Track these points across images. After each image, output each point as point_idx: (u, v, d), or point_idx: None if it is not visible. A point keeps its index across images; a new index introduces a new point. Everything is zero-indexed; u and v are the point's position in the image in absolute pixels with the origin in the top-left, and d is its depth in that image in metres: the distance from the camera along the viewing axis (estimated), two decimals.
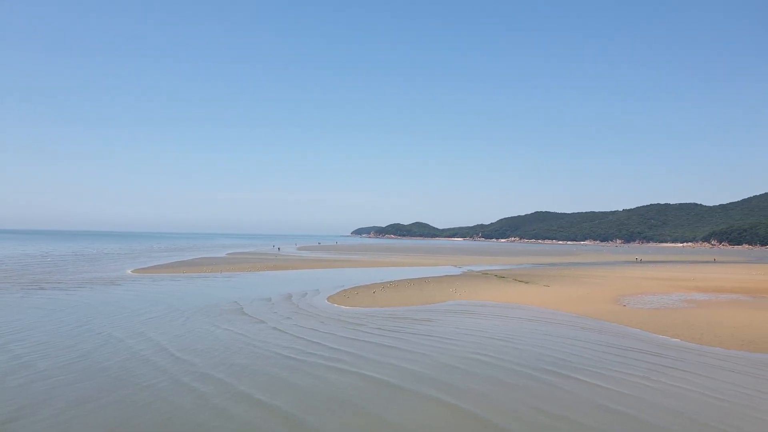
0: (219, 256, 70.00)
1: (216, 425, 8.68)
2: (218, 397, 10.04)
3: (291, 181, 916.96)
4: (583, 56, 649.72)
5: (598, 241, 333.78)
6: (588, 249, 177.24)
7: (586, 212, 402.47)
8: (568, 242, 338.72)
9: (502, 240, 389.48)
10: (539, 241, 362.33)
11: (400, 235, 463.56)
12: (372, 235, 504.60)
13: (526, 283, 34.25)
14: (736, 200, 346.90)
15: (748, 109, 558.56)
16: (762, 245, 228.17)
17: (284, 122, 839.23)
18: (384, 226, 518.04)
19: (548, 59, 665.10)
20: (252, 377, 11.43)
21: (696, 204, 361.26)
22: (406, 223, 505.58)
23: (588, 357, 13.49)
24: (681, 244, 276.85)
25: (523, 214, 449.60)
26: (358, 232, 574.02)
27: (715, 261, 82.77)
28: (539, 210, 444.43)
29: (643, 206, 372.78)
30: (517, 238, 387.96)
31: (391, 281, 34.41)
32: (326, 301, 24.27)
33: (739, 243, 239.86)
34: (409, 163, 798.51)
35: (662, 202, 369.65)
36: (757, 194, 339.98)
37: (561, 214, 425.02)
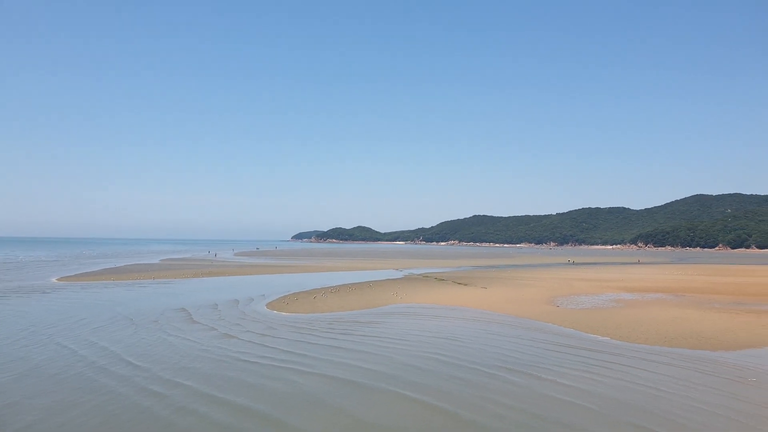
0: (152, 262, 66.90)
1: (201, 428, 8.82)
2: (194, 403, 10.05)
3: (230, 185, 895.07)
4: (522, 60, 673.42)
5: (533, 244, 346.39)
6: (523, 251, 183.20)
7: (521, 216, 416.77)
8: (505, 245, 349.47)
9: (442, 243, 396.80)
10: (477, 244, 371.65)
11: (341, 240, 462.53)
12: (313, 239, 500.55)
13: (465, 285, 34.74)
14: (660, 204, 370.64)
15: (673, 119, 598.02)
16: (683, 246, 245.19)
17: (225, 125, 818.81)
18: (325, 230, 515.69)
19: (487, 60, 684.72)
20: (219, 381, 11.48)
21: (624, 208, 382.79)
22: (348, 227, 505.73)
23: (532, 354, 14.03)
24: (611, 246, 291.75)
25: (462, 217, 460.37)
26: (299, 236, 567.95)
27: (639, 262, 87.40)
28: (477, 214, 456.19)
29: (576, 210, 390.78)
30: (457, 241, 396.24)
31: (332, 286, 33.92)
32: (266, 308, 23.56)
33: (662, 245, 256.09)
34: (350, 167, 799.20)
35: (593, 207, 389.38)
36: (678, 199, 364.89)
37: (498, 217, 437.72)
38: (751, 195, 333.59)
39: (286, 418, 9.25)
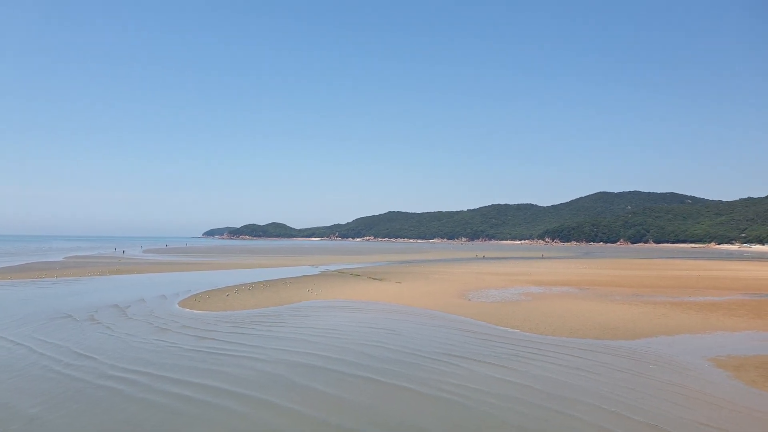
0: (55, 260, 61.09)
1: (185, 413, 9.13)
2: (147, 392, 10.07)
3: (137, 180, 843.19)
4: (437, 61, 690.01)
5: (445, 239, 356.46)
6: (436, 247, 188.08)
7: (434, 212, 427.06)
8: (419, 240, 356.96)
9: (358, 239, 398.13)
10: (392, 239, 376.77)
11: (255, 236, 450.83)
12: (225, 236, 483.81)
13: (380, 280, 34.32)
14: (566, 201, 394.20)
15: (577, 122, 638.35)
16: (587, 241, 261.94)
17: (131, 118, 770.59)
18: (239, 226, 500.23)
19: (405, 62, 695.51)
20: (164, 368, 11.79)
21: (532, 204, 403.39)
22: (261, 224, 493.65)
23: (458, 344, 14.35)
24: (519, 242, 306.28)
25: (377, 213, 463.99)
26: (211, 233, 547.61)
27: (543, 257, 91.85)
28: (392, 210, 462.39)
29: (486, 206, 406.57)
30: (372, 237, 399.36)
31: (245, 284, 32.20)
32: (177, 305, 21.99)
33: (568, 240, 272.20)
34: (264, 162, 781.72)
35: (502, 203, 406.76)
36: (583, 196, 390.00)
37: (412, 213, 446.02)
38: (649, 192, 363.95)
39: (266, 396, 9.77)
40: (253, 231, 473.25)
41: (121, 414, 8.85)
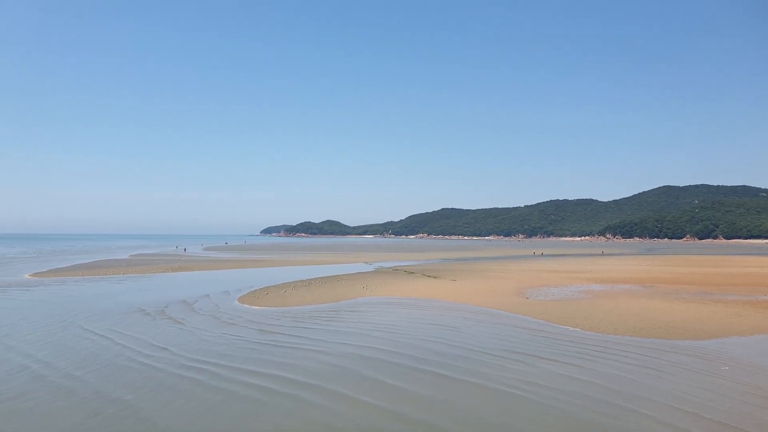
0: (122, 257, 64.86)
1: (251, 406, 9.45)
2: (225, 382, 10.65)
3: (199, 180, 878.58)
4: (487, 62, 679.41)
5: (501, 236, 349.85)
6: (492, 244, 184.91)
7: (490, 208, 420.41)
8: (473, 238, 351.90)
9: (411, 236, 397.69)
10: (446, 237, 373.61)
11: (310, 234, 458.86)
12: (282, 233, 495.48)
13: (435, 278, 34.29)
14: (628, 196, 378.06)
15: (641, 112, 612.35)
16: (651, 237, 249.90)
17: (192, 120, 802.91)
18: (294, 224, 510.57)
19: (460, 65, 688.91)
20: (236, 360, 12.40)
21: (592, 200, 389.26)
22: (316, 221, 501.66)
23: (515, 342, 14.22)
24: (579, 238, 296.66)
25: (430, 211, 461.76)
26: (268, 231, 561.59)
27: (603, 253, 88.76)
28: (446, 207, 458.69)
29: (543, 202, 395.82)
30: (425, 235, 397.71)
31: (301, 280, 33.09)
32: (237, 301, 22.84)
33: (630, 236, 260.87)
34: (320, 161, 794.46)
35: (561, 198, 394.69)
36: (646, 190, 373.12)
37: (466, 210, 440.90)
38: (718, 186, 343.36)
39: (338, 388, 10.11)
40: (308, 229, 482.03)
41: (204, 402, 9.39)
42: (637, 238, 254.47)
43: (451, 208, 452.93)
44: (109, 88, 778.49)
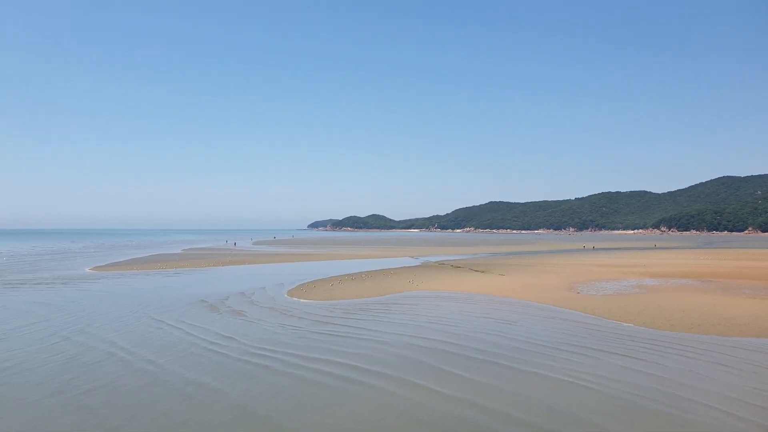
0: (174, 252, 67.57)
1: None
2: (293, 368, 11.35)
3: (247, 176, 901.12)
4: (530, 55, 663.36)
5: (551, 230, 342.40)
6: (541, 238, 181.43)
7: (539, 201, 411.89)
8: (522, 231, 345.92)
9: (458, 230, 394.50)
10: (494, 230, 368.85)
11: (356, 228, 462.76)
12: (328, 228, 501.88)
13: (482, 272, 34.27)
14: (684, 187, 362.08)
15: (693, 100, 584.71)
16: (708, 230, 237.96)
17: (241, 116, 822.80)
18: (340, 218, 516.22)
19: (499, 59, 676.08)
20: (298, 348, 13.17)
21: (645, 191, 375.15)
22: (362, 216, 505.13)
23: (572, 336, 14.28)
24: (632, 231, 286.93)
25: (477, 204, 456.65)
26: (314, 225, 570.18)
27: (655, 247, 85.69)
28: (493, 200, 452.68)
29: (595, 194, 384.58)
30: (472, 228, 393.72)
31: (347, 274, 33.77)
32: (286, 295, 23.65)
33: (687, 229, 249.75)
34: (365, 156, 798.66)
35: (613, 190, 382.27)
36: (703, 181, 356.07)
37: (514, 203, 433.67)
38: None
39: (404, 376, 10.57)
40: (354, 223, 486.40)
41: (276, 386, 10.04)
42: (694, 231, 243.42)
43: (499, 201, 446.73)
44: (167, 83, 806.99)
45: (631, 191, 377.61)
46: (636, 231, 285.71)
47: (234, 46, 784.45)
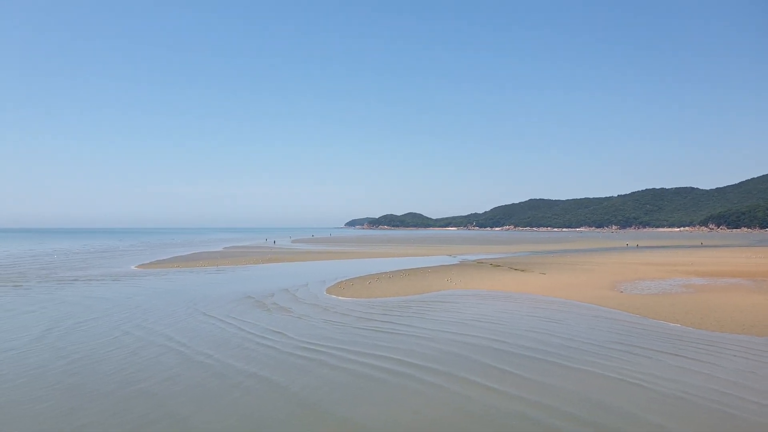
0: (216, 250, 69.44)
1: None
2: (342, 362, 11.79)
3: (284, 174, 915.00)
4: (569, 54, 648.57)
5: (593, 228, 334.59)
6: (583, 236, 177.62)
7: (580, 199, 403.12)
8: (563, 229, 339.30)
9: (497, 228, 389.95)
10: (534, 228, 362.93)
11: (393, 226, 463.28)
12: (365, 226, 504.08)
13: (522, 271, 34.00)
14: (734, 183, 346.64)
15: (744, 91, 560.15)
16: (761, 228, 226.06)
17: (278, 115, 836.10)
18: (377, 217, 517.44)
19: (536, 59, 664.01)
20: (345, 343, 13.62)
21: (692, 188, 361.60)
22: (399, 214, 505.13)
23: (619, 335, 14.22)
24: (678, 229, 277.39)
25: (517, 202, 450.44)
26: (352, 223, 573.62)
27: (702, 245, 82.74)
28: (533, 197, 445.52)
29: (639, 191, 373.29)
30: (512, 226, 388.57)
31: (385, 272, 34.08)
32: (325, 292, 24.10)
33: (737, 226, 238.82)
34: (402, 154, 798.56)
35: (658, 187, 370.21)
36: (755, 176, 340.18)
37: (555, 201, 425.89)
38: None
39: (455, 372, 10.75)
40: (390, 221, 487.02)
41: (332, 380, 10.39)
42: (745, 229, 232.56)
43: (539, 199, 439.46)
44: (202, 82, 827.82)
45: (677, 187, 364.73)
46: (682, 229, 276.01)
47: (273, 47, 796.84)
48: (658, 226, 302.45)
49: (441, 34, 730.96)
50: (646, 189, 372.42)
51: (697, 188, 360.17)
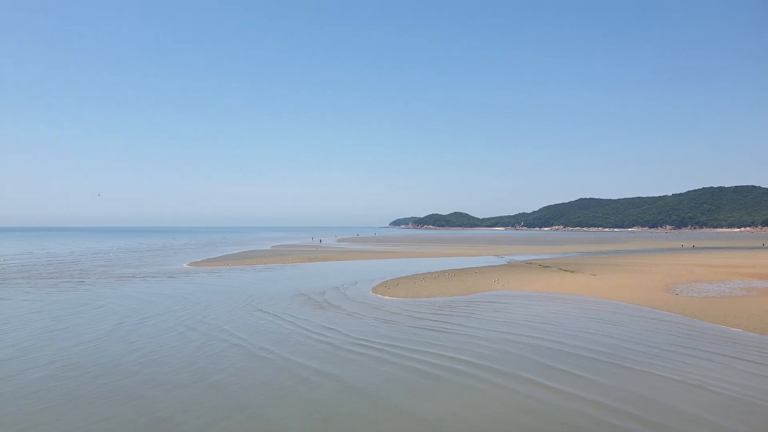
0: (264, 248, 71.28)
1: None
2: (398, 359, 12.12)
3: (330, 173, 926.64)
4: (621, 54, 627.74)
5: (646, 228, 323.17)
6: (636, 236, 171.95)
7: (632, 198, 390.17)
8: (615, 229, 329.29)
9: (546, 228, 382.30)
10: (584, 228, 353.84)
11: (438, 226, 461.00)
12: (410, 226, 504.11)
13: (572, 272, 33.48)
14: None
15: None
16: None
17: (323, 114, 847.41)
18: (422, 216, 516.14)
19: (587, 60, 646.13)
20: (399, 340, 13.98)
21: (753, 186, 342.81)
22: (444, 213, 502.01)
23: (678, 338, 14.03)
24: (738, 229, 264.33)
25: (566, 201, 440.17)
26: (396, 223, 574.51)
27: (764, 246, 78.89)
28: (583, 197, 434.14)
29: (695, 190, 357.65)
30: (561, 227, 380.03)
31: (430, 272, 34.23)
32: (370, 291, 24.51)
33: None
34: (447, 154, 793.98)
35: (716, 185, 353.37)
36: None
37: (606, 200, 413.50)
38: None
39: (512, 370, 10.90)
40: (435, 221, 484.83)
41: (392, 376, 10.74)
42: None
43: (590, 198, 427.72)
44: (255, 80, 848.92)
45: (736, 186, 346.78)
46: (742, 229, 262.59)
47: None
48: (715, 227, 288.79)
49: (492, 33, 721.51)
50: (703, 188, 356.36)
51: (759, 186, 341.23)
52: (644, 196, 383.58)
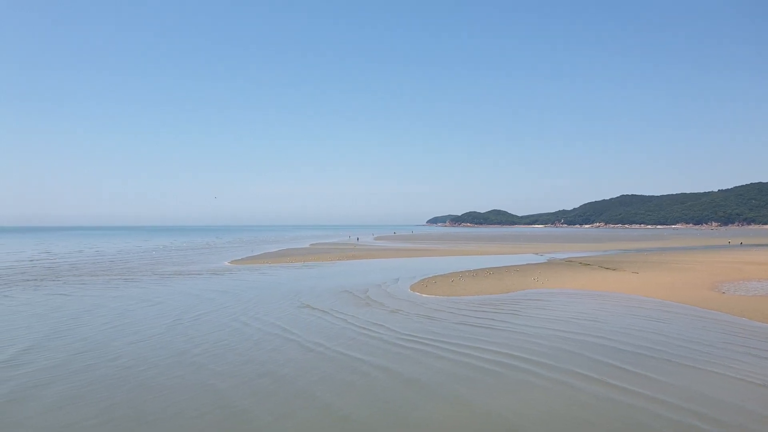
0: (303, 246, 72.51)
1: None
2: (448, 353, 12.49)
3: (368, 172, 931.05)
4: (660, 48, 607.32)
5: (690, 225, 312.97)
6: (680, 233, 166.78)
7: (676, 194, 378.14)
8: (658, 226, 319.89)
9: (586, 226, 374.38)
10: (626, 225, 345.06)
11: (476, 223, 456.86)
12: (448, 224, 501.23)
13: (614, 270, 33.12)
14: None
15: None
16: None
17: (359, 113, 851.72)
18: (459, 214, 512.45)
19: (627, 54, 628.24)
20: (447, 336, 14.34)
21: None
22: (482, 211, 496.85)
23: (729, 336, 13.90)
24: None
25: (607, 198, 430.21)
26: (434, 221, 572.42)
27: None
28: (625, 193, 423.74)
29: (743, 185, 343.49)
30: (602, 224, 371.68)
31: (468, 270, 34.26)
32: (408, 289, 24.85)
33: None
34: (485, 151, 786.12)
35: (765, 180, 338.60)
36: None
37: (649, 196, 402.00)
38: None
39: (567, 366, 11.06)
40: (473, 218, 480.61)
41: (445, 370, 11.07)
42: None
43: (632, 195, 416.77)
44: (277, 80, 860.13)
45: None
46: None
47: (353, 46, 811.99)
48: (765, 223, 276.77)
49: (536, 31, 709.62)
50: (751, 183, 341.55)
51: None
52: (688, 192, 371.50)
